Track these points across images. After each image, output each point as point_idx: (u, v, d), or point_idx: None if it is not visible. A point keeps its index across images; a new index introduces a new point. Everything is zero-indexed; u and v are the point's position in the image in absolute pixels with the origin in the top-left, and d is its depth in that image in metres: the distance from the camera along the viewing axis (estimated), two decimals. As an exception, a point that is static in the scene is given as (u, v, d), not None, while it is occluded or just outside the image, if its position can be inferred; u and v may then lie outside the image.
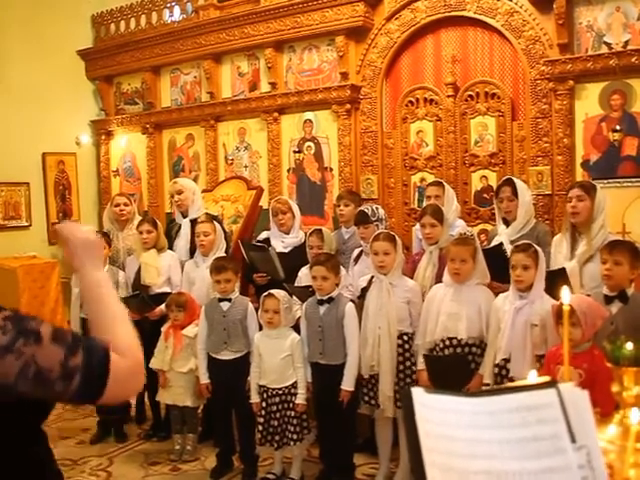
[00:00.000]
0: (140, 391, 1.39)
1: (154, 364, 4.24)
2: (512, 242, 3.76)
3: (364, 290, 3.87)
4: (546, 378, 0.97)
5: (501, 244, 3.83)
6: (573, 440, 0.88)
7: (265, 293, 3.88)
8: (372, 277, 3.81)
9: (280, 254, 4.50)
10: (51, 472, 1.35)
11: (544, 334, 3.18)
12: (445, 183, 4.61)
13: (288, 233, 4.65)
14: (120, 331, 1.30)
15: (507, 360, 3.26)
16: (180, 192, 4.90)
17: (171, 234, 4.92)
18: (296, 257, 4.45)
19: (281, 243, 4.58)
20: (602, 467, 0.87)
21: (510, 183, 4.11)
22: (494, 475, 0.86)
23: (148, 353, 4.15)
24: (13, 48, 6.85)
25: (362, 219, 4.20)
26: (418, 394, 0.91)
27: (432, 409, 0.90)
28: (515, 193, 4.03)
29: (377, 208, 4.35)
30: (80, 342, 1.21)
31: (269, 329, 3.83)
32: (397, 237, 3.82)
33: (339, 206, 4.69)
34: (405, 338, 3.70)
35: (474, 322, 3.44)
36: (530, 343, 3.19)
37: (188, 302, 4.26)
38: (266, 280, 4.49)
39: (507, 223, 4.09)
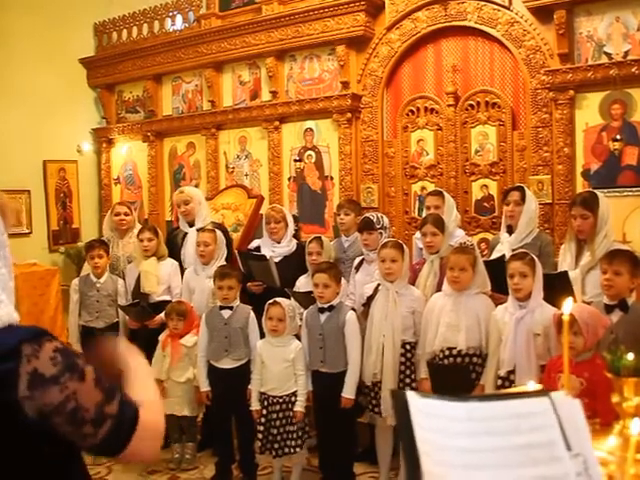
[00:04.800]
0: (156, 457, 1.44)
1: None
2: (514, 251, 3.75)
3: (370, 298, 3.86)
4: (538, 386, 0.97)
5: (503, 256, 3.81)
6: (568, 448, 0.88)
7: (270, 301, 3.86)
8: (378, 285, 3.80)
9: None
10: None
11: (547, 343, 3.17)
12: (445, 192, 4.61)
13: (279, 242, 4.62)
14: (149, 393, 1.38)
15: (511, 371, 3.23)
16: (187, 202, 4.86)
17: (175, 242, 4.91)
18: (285, 267, 4.44)
19: (271, 252, 4.54)
20: (599, 475, 0.87)
21: (520, 189, 4.14)
22: None
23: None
24: (15, 55, 6.87)
25: (367, 225, 4.20)
26: (413, 398, 0.90)
27: (426, 414, 0.90)
28: (523, 199, 4.04)
29: (382, 216, 4.36)
30: (117, 392, 1.25)
31: (273, 337, 3.83)
32: (404, 245, 3.82)
33: (339, 215, 4.68)
34: (408, 347, 3.69)
35: (473, 332, 3.43)
36: (534, 353, 3.18)
37: (188, 311, 4.25)
38: (261, 289, 4.47)
39: (510, 232, 4.09)
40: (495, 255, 4.01)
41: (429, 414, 0.90)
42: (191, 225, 4.86)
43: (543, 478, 0.86)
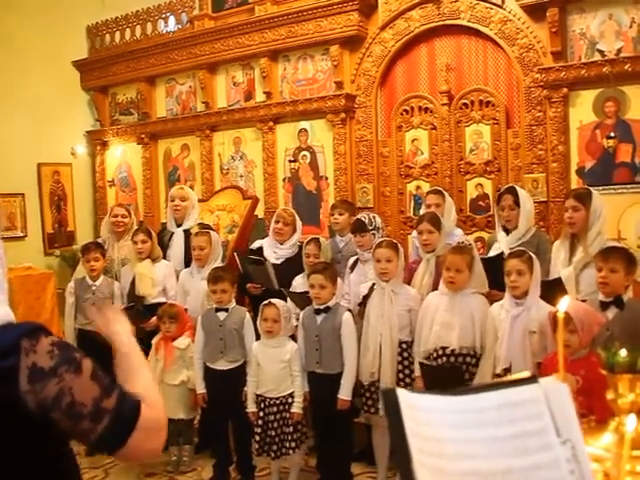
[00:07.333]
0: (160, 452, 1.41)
1: None
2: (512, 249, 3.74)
3: (365, 298, 3.86)
4: (527, 373, 0.97)
5: (502, 253, 3.80)
6: (558, 434, 0.88)
7: (265, 302, 3.86)
8: (373, 284, 3.80)
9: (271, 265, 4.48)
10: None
11: (543, 341, 3.17)
12: (445, 192, 4.61)
13: (282, 244, 4.63)
14: (148, 385, 1.35)
15: (507, 369, 3.23)
16: (184, 199, 4.91)
17: (163, 242, 4.91)
18: (286, 269, 4.44)
19: (273, 254, 4.54)
20: (587, 460, 0.88)
21: (512, 191, 4.05)
22: (482, 475, 0.86)
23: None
24: (8, 59, 6.84)
25: (359, 227, 4.19)
26: (403, 394, 0.90)
27: (417, 409, 0.89)
28: (516, 202, 3.99)
29: (374, 217, 4.34)
30: (116, 387, 1.24)
31: (268, 338, 3.82)
32: (399, 245, 3.82)
33: (333, 215, 4.68)
34: (404, 346, 3.69)
35: (467, 332, 3.43)
36: (529, 351, 3.18)
37: (179, 313, 4.24)
38: (260, 291, 4.47)
39: (507, 231, 4.06)
40: (493, 253, 4.01)
41: (420, 408, 0.90)
42: (179, 225, 4.87)
43: (535, 466, 0.86)
